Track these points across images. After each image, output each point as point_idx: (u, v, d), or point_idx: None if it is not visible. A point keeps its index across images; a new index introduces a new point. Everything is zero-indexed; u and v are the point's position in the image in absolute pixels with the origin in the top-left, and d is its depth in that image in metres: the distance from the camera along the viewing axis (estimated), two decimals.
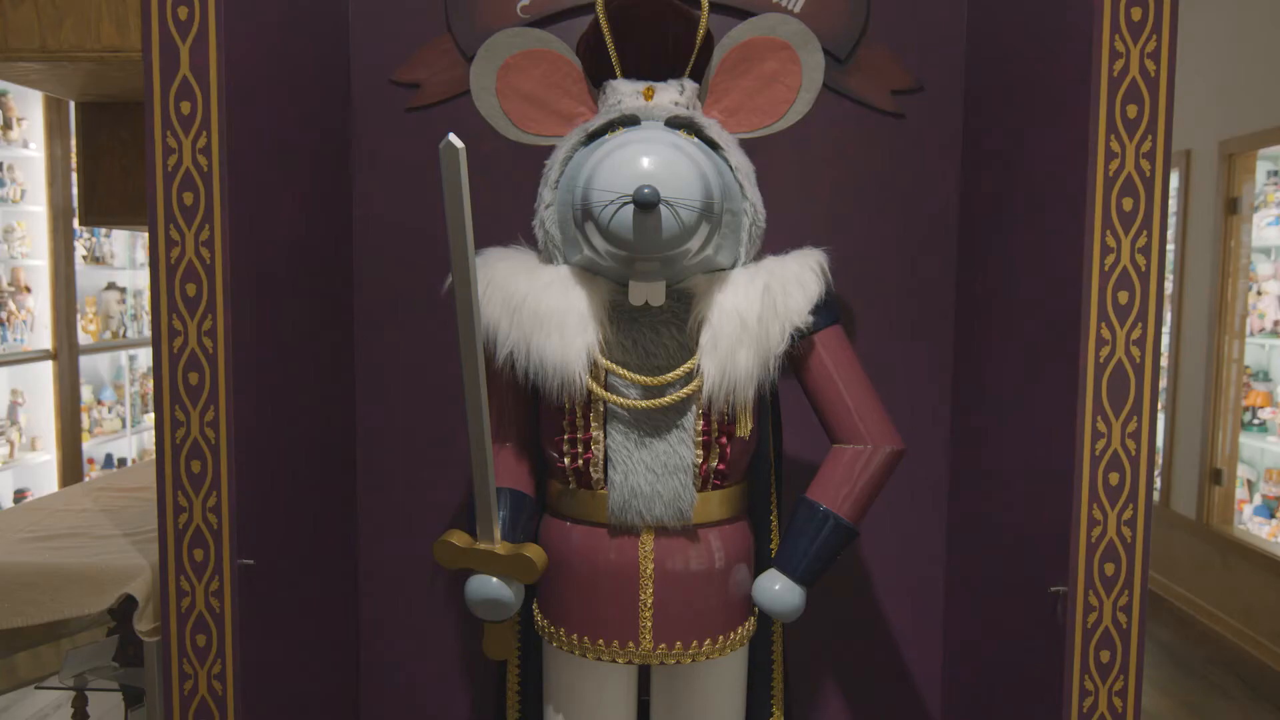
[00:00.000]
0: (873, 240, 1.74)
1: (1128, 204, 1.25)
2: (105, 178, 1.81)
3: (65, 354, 4.07)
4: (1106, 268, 1.26)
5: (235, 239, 1.30)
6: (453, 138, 1.07)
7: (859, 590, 1.80)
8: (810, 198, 1.74)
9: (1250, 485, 3.96)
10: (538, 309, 1.27)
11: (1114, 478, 1.28)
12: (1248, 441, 3.85)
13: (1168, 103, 1.24)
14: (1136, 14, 1.24)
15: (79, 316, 4.19)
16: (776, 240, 1.41)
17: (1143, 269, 1.26)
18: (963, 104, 1.72)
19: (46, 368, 4.03)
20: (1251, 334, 3.81)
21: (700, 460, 1.30)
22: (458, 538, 1.27)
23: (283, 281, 1.48)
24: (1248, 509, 3.90)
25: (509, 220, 1.48)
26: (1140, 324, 1.26)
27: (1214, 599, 3.76)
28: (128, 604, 1.47)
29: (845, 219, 1.74)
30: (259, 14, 1.38)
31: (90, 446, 4.29)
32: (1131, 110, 1.24)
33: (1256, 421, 3.88)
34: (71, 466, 4.11)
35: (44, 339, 4.01)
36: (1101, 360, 1.26)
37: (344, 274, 1.76)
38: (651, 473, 1.28)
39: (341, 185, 1.75)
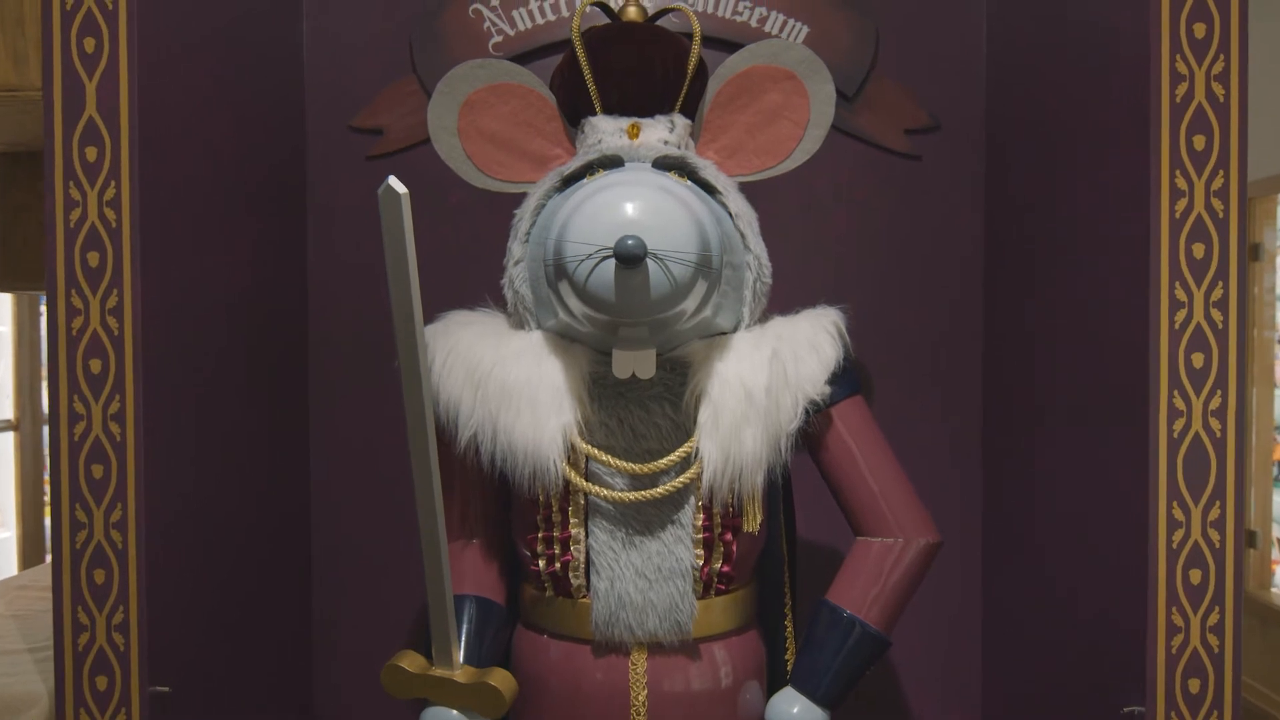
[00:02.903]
0: (887, 296, 1.56)
1: (1199, 250, 1.07)
2: (24, 236, 1.62)
3: (28, 424, 3.87)
4: (1177, 325, 1.06)
5: (150, 306, 1.11)
6: (393, 181, 0.89)
7: (884, 709, 1.57)
8: (816, 249, 1.56)
9: None
10: (505, 382, 1.07)
11: (1195, 575, 1.07)
12: (1276, 499, 3.64)
13: (1240, 131, 1.07)
14: (1200, 30, 1.06)
15: (44, 384, 3.99)
16: (779, 298, 1.22)
17: (1220, 326, 1.07)
18: (985, 143, 1.55)
19: (7, 439, 3.83)
20: (1277, 385, 3.62)
21: (701, 562, 1.09)
22: (410, 661, 1.06)
23: (217, 353, 1.28)
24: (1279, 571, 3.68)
25: (480, 282, 1.28)
26: (1219, 391, 1.07)
27: (1257, 673, 3.51)
28: None
29: (856, 272, 1.56)
30: (186, 48, 1.20)
31: None
32: (1199, 141, 1.06)
33: None
34: (33, 542, 3.87)
35: (5, 408, 3.81)
36: (1175, 435, 1.07)
37: (297, 342, 1.57)
38: (643, 578, 1.08)
39: (294, 242, 1.56)
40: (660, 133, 1.14)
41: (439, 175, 1.30)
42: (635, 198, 1.00)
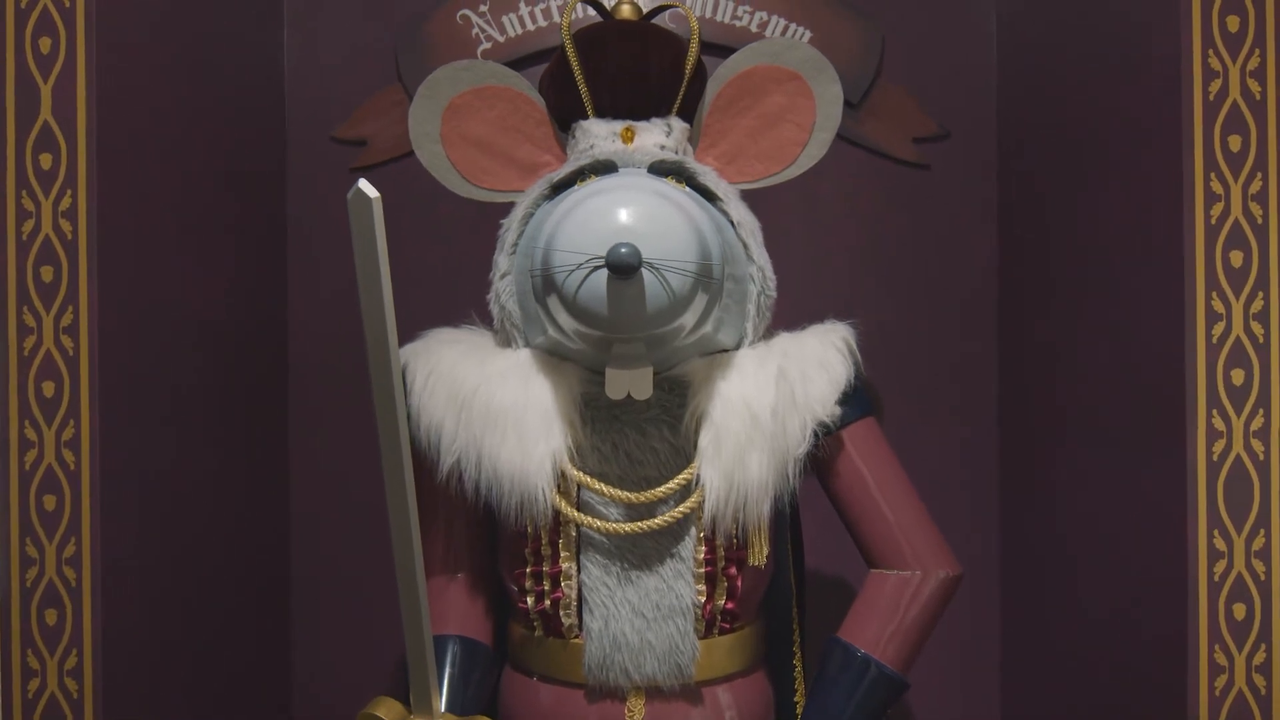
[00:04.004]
0: (895, 311, 1.49)
1: (1236, 258, 0.99)
2: None
3: None
4: (1215, 339, 0.99)
5: (108, 325, 1.03)
6: (364, 185, 0.81)
7: None
8: (820, 263, 1.49)
9: None
10: (490, 405, 0.99)
11: (1239, 610, 0.99)
12: None
13: None
14: (1233, 24, 0.99)
15: None
16: (780, 314, 1.14)
17: (1260, 339, 0.99)
18: (997, 150, 1.49)
19: None
20: None
21: (703, 599, 1.01)
22: (387, 709, 0.97)
23: (185, 375, 1.20)
24: None
25: (470, 300, 1.21)
26: (1262, 410, 0.99)
27: None
28: None
29: (862, 287, 1.49)
30: (151, 51, 1.14)
31: None
32: (1234, 142, 0.99)
33: None
34: None
35: None
36: (1215, 458, 0.99)
37: (276, 363, 1.49)
38: (640, 617, 0.99)
39: (273, 258, 1.49)
40: (656, 137, 1.07)
41: (426, 187, 1.22)
42: (629, 203, 0.92)
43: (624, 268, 0.86)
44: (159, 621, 1.13)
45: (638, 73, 1.07)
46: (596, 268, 0.89)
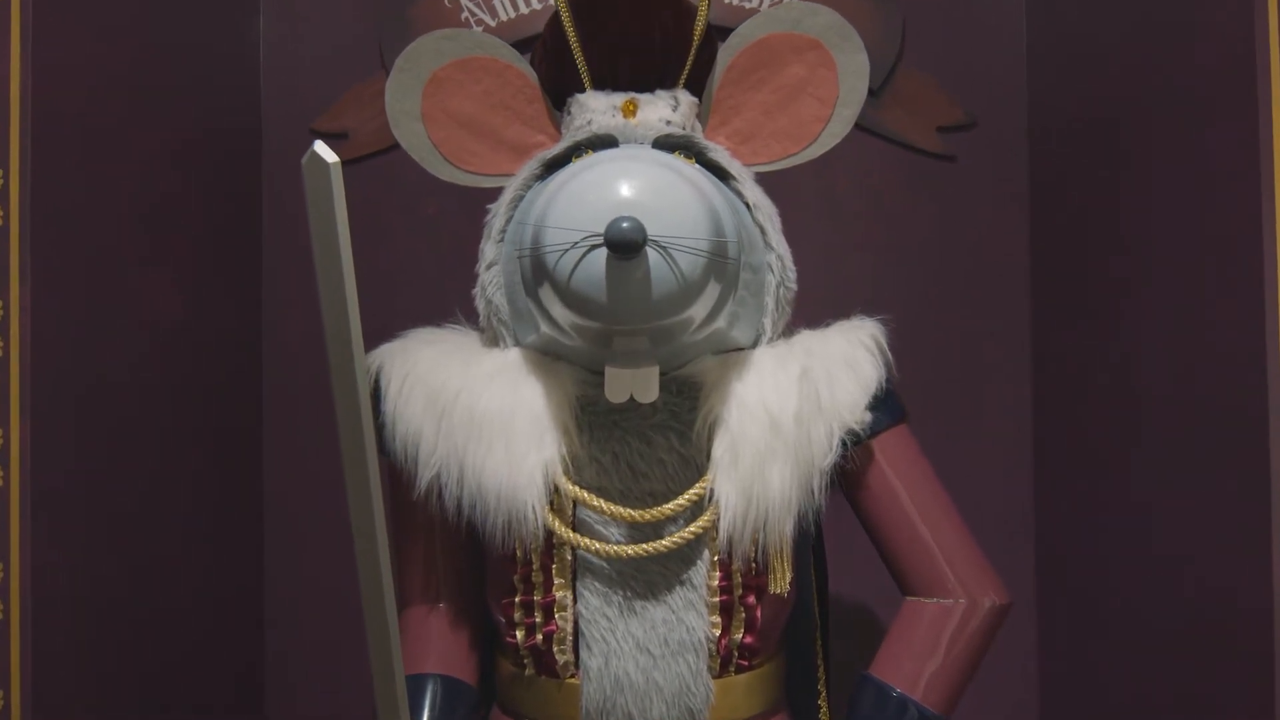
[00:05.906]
0: (919, 311, 1.37)
1: None
2: None
3: None
4: None
5: (44, 323, 0.92)
6: (320, 148, 0.70)
7: None
8: (839, 260, 1.38)
9: None
10: (474, 411, 0.88)
11: None
12: None
13: None
14: None
15: None
16: (797, 315, 1.03)
17: None
18: (1029, 137, 1.39)
19: None
20: None
21: (718, 632, 0.89)
22: None
23: (135, 386, 1.09)
24: None
25: (458, 302, 1.09)
26: None
27: None
28: None
29: (883, 286, 1.38)
30: (102, 18, 1.03)
31: None
32: None
33: None
34: None
35: None
36: None
37: (248, 371, 1.38)
38: (645, 654, 0.87)
39: (247, 261, 1.39)
40: (661, 111, 0.96)
41: (414, 183, 1.13)
42: (631, 174, 0.81)
43: (626, 245, 0.75)
44: (101, 662, 1.01)
45: (640, 40, 0.96)
46: (594, 246, 0.77)
